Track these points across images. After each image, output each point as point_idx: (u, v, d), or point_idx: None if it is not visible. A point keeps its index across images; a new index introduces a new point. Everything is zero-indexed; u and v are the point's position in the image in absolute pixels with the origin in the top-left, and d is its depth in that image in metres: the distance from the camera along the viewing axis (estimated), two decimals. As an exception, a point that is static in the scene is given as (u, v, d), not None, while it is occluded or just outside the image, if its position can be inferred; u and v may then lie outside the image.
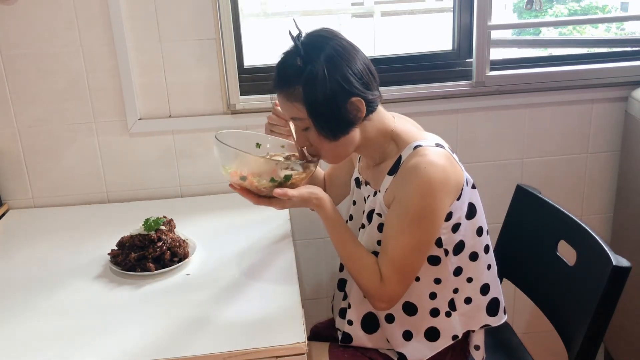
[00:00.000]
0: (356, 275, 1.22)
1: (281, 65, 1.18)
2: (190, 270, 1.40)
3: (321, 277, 2.02)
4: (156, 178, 1.86)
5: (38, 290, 1.35)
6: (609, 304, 1.18)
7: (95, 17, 1.70)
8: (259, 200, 1.20)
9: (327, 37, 1.16)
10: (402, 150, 1.20)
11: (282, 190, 1.16)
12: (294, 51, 1.16)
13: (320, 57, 1.12)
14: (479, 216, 1.26)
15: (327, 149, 1.20)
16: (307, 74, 1.12)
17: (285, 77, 1.16)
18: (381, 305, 1.21)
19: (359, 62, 1.16)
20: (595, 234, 1.28)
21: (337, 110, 1.14)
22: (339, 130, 1.17)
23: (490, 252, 1.31)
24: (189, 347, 1.12)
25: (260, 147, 1.35)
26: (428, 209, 1.14)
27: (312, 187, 1.22)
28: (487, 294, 1.30)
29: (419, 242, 1.16)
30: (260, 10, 2.15)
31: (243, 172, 1.18)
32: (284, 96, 1.17)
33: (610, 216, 2.04)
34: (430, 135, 1.25)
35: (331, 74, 1.12)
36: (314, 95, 1.13)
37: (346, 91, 1.13)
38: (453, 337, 1.29)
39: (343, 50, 1.15)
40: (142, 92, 1.78)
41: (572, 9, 2.65)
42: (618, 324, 1.85)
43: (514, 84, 1.87)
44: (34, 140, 1.79)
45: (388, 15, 2.62)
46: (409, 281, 1.20)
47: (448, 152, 1.20)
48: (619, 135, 1.95)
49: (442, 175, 1.14)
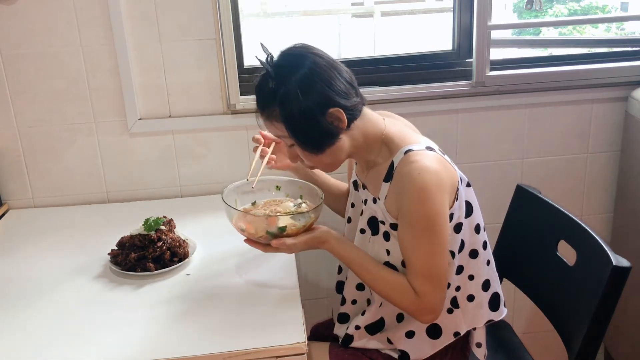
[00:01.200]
0: (390, 297, 1.22)
1: (257, 89, 1.22)
2: (190, 270, 1.40)
3: (321, 277, 2.02)
4: (156, 178, 1.86)
5: (38, 290, 1.35)
6: (609, 304, 1.18)
7: (95, 17, 1.70)
8: (266, 249, 1.25)
9: (300, 55, 1.18)
10: (394, 156, 1.21)
11: (277, 242, 1.21)
12: (266, 74, 1.19)
13: (292, 76, 1.15)
14: (476, 213, 1.27)
15: (316, 161, 1.24)
16: (281, 95, 1.15)
17: (261, 100, 1.21)
18: (427, 318, 1.21)
19: (333, 73, 1.17)
20: (595, 234, 1.28)
21: (316, 124, 1.17)
22: (323, 143, 1.19)
23: (488, 248, 1.32)
24: (189, 347, 1.12)
25: (280, 189, 1.43)
26: (432, 213, 1.14)
27: (316, 231, 1.24)
28: (488, 290, 1.31)
29: (436, 246, 1.16)
30: (260, 10, 2.15)
31: (241, 226, 1.26)
32: (265, 117, 1.22)
33: (610, 216, 2.04)
34: (421, 138, 1.26)
35: (304, 91, 1.14)
36: (290, 114, 1.16)
37: (322, 104, 1.16)
38: (455, 334, 1.29)
39: (315, 65, 1.16)
40: (142, 92, 1.78)
41: (572, 9, 2.65)
42: (618, 324, 1.85)
43: (514, 84, 1.87)
44: (34, 140, 1.79)
45: (388, 15, 2.62)
46: (443, 285, 1.19)
47: (439, 154, 1.20)
48: (619, 135, 1.95)
49: (436, 178, 1.14)
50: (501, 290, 1.35)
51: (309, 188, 1.39)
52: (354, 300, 1.36)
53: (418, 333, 1.28)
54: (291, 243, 1.22)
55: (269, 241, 1.23)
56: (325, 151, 1.20)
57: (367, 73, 1.88)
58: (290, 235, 1.23)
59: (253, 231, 1.25)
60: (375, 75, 1.88)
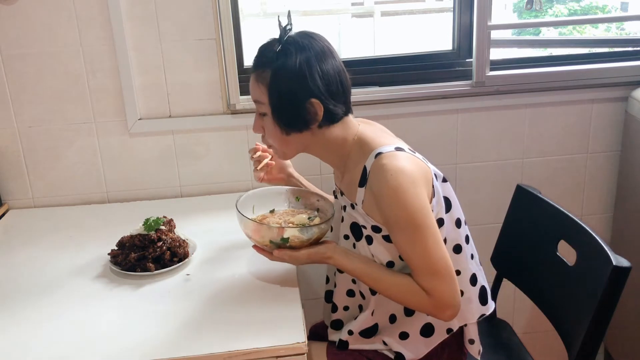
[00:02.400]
0: (406, 302, 1.23)
1: (261, 47, 1.25)
2: (190, 270, 1.40)
3: (321, 277, 2.01)
4: (156, 178, 1.86)
5: (38, 290, 1.35)
6: (609, 304, 1.18)
7: (95, 17, 1.70)
8: (272, 257, 1.27)
9: (311, 38, 1.22)
10: (366, 160, 1.21)
11: (279, 251, 1.24)
12: (277, 38, 1.22)
13: (298, 50, 1.18)
14: (455, 208, 1.27)
15: (278, 141, 1.27)
16: (280, 62, 1.18)
17: (260, 58, 1.23)
18: (447, 313, 1.19)
19: (332, 70, 1.20)
20: (595, 234, 1.27)
21: (296, 105, 1.19)
22: (292, 125, 1.22)
23: (471, 242, 1.32)
24: (189, 347, 1.12)
25: (299, 200, 1.44)
26: (415, 210, 1.14)
27: (318, 245, 1.25)
28: (476, 284, 1.31)
29: (429, 241, 1.16)
30: (260, 10, 2.15)
31: (248, 233, 1.28)
32: (255, 76, 1.24)
33: (610, 216, 2.04)
34: (392, 140, 1.27)
35: (301, 69, 1.17)
36: (279, 82, 1.19)
37: (309, 90, 1.18)
38: (447, 331, 1.29)
39: (321, 53, 1.20)
40: (142, 92, 1.78)
41: (572, 9, 2.65)
42: (618, 324, 1.85)
43: (514, 84, 1.87)
44: (34, 140, 1.79)
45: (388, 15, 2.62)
46: (450, 277, 1.18)
47: (408, 153, 1.21)
48: (619, 135, 1.95)
49: (409, 176, 1.15)
50: (487, 283, 1.35)
51: (325, 202, 1.40)
52: (346, 307, 1.36)
53: (411, 333, 1.28)
54: (292, 254, 1.24)
55: (272, 250, 1.25)
56: (291, 134, 1.23)
57: (367, 73, 1.88)
58: (293, 247, 1.24)
59: (259, 239, 1.26)
60: (375, 75, 1.88)
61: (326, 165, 1.79)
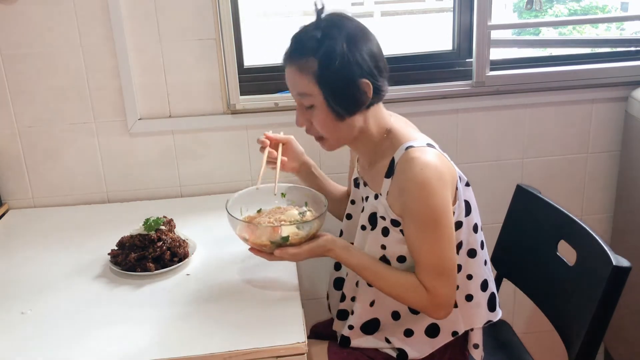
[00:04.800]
0: (401, 298, 1.22)
1: (299, 37, 1.20)
2: (190, 270, 1.40)
3: (321, 277, 2.02)
4: (156, 178, 1.86)
5: (38, 290, 1.35)
6: (609, 304, 1.18)
7: (95, 17, 1.70)
8: (271, 257, 1.25)
9: (347, 18, 1.20)
10: (395, 152, 1.21)
11: (280, 251, 1.22)
12: (314, 24, 1.18)
13: (340, 32, 1.15)
14: (474, 213, 1.27)
15: (330, 129, 1.22)
16: (326, 47, 1.14)
17: (301, 48, 1.18)
18: (441, 313, 1.21)
19: (374, 47, 1.19)
20: (595, 234, 1.28)
21: (350, 87, 1.16)
22: (347, 108, 1.19)
23: (485, 248, 1.32)
24: (189, 347, 1.12)
25: (285, 196, 1.41)
26: (437, 208, 1.14)
27: (318, 239, 1.24)
28: (486, 290, 1.31)
29: (444, 240, 1.17)
30: (260, 10, 2.15)
31: (245, 236, 1.26)
32: (296, 68, 1.18)
33: (610, 216, 2.04)
34: (422, 136, 1.26)
35: (350, 50, 1.14)
36: (329, 68, 1.14)
37: (360, 70, 1.16)
38: (453, 334, 1.29)
39: (362, 32, 1.18)
40: (142, 92, 1.78)
41: (572, 9, 2.65)
42: (618, 324, 1.85)
43: (514, 84, 1.87)
44: (34, 140, 1.79)
45: (388, 15, 2.62)
46: (453, 279, 1.19)
47: (438, 151, 1.21)
48: (619, 135, 1.95)
49: (437, 172, 1.15)
50: (496, 291, 1.35)
51: (314, 195, 1.39)
52: (353, 297, 1.36)
53: (416, 332, 1.28)
54: (294, 252, 1.22)
55: (273, 250, 1.23)
56: (345, 119, 1.20)
57: (367, 73, 1.88)
58: (293, 244, 1.23)
59: (257, 240, 1.24)
60: (375, 75, 1.88)
61: (327, 166, 1.79)
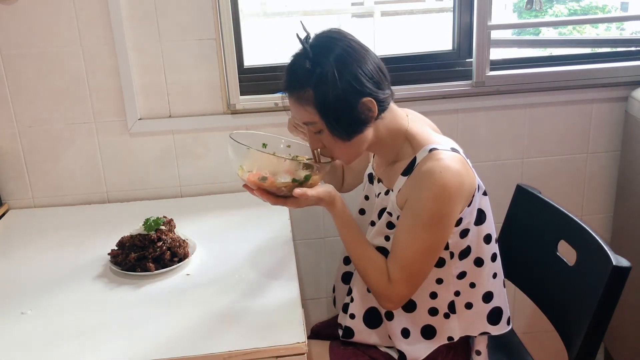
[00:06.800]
0: (364, 274, 1.23)
1: (290, 68, 1.18)
2: (190, 270, 1.40)
3: (321, 277, 2.02)
4: (156, 178, 1.86)
5: (38, 290, 1.35)
6: (609, 304, 1.18)
7: (95, 17, 1.70)
8: (276, 201, 1.21)
9: (335, 38, 1.16)
10: (417, 152, 1.20)
11: (301, 190, 1.17)
12: (302, 53, 1.16)
13: (329, 58, 1.12)
14: (488, 223, 1.25)
15: (341, 150, 1.21)
16: (317, 76, 1.12)
17: (295, 80, 1.16)
18: (388, 305, 1.23)
19: (369, 62, 1.15)
20: (595, 234, 1.28)
21: (349, 110, 1.14)
22: (352, 130, 1.17)
23: (498, 261, 1.30)
24: (189, 347, 1.12)
25: (266, 147, 1.37)
26: (441, 213, 1.14)
27: (327, 186, 1.23)
28: (489, 302, 1.29)
29: (429, 247, 1.16)
30: (260, 10, 2.15)
31: (265, 173, 1.19)
32: (295, 99, 1.17)
33: (610, 216, 2.04)
34: (445, 139, 1.25)
35: (341, 75, 1.11)
36: (325, 97, 1.12)
37: (357, 91, 1.13)
38: (448, 338, 1.29)
39: (352, 50, 1.14)
40: (142, 92, 1.78)
41: (572, 9, 2.65)
42: (618, 324, 1.85)
43: (514, 84, 1.87)
44: (34, 140, 1.79)
45: (388, 15, 2.62)
46: (416, 284, 1.20)
47: (462, 157, 1.19)
48: (619, 135, 1.95)
49: (457, 181, 1.14)
50: (507, 307, 1.32)
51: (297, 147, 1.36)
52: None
53: (412, 332, 1.28)
54: (311, 194, 1.18)
55: (290, 190, 1.17)
56: (353, 139, 1.18)
57: (367, 73, 1.88)
58: (312, 185, 1.19)
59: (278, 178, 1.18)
60: (375, 75, 1.88)
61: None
